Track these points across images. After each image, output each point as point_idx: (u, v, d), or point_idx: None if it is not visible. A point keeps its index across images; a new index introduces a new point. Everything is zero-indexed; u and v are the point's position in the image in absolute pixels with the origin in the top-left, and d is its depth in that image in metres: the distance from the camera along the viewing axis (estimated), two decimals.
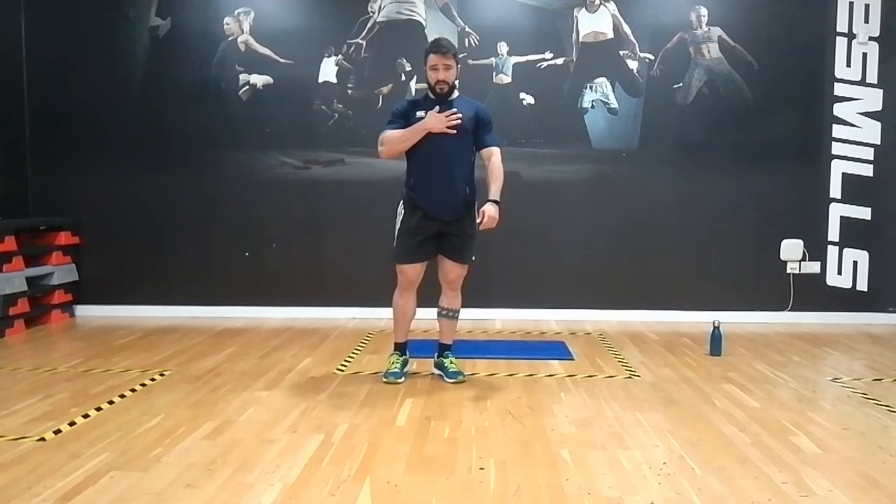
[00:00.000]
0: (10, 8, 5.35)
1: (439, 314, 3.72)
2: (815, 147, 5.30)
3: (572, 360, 4.11)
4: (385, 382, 3.58)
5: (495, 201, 3.41)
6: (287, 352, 4.30)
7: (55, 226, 5.31)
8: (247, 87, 5.40)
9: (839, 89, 5.25)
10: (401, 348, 3.73)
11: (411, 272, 3.55)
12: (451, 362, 3.69)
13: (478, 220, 3.41)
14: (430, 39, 5.23)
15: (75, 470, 2.46)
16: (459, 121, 3.36)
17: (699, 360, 4.12)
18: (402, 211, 3.52)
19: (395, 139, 3.41)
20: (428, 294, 3.76)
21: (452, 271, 3.58)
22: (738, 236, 5.33)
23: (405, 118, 3.43)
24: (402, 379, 3.61)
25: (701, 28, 5.29)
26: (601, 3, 5.32)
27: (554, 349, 4.37)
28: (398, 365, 3.65)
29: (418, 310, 3.68)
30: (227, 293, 5.43)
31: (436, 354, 3.76)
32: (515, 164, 5.38)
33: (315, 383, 3.60)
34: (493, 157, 3.47)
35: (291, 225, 5.40)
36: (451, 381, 3.60)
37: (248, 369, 3.88)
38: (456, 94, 3.51)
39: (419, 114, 3.41)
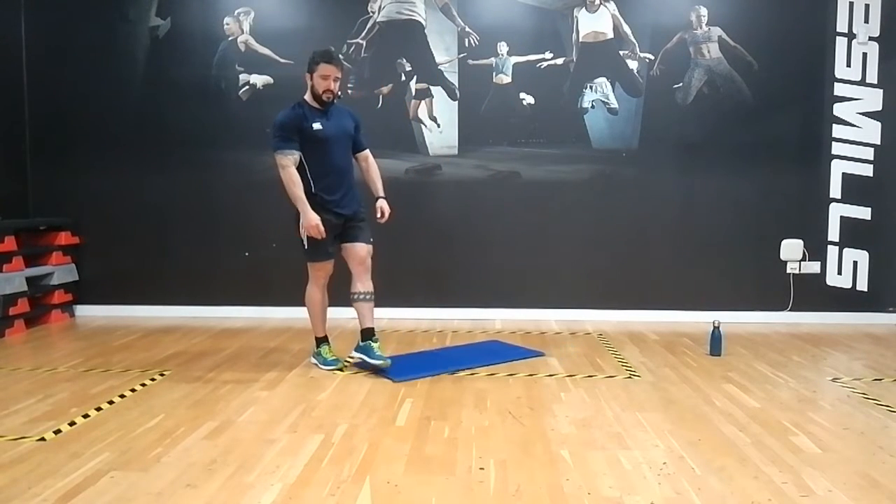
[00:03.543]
0: (9, 8, 5.35)
1: (358, 300, 3.84)
2: (815, 147, 5.30)
3: (542, 355, 4.14)
4: (331, 370, 3.81)
5: (384, 197, 3.88)
6: (287, 352, 4.30)
7: (55, 226, 5.31)
8: (247, 87, 5.40)
9: (839, 89, 5.25)
10: (325, 339, 3.99)
11: (329, 267, 3.90)
12: (378, 345, 3.81)
13: (378, 216, 3.83)
14: (429, 39, 5.33)
15: (75, 470, 2.46)
16: (321, 236, 3.70)
17: (699, 360, 4.12)
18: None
19: (293, 192, 3.68)
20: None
21: (363, 249, 3.83)
22: (738, 236, 5.33)
23: (299, 132, 3.62)
24: (341, 363, 3.89)
25: (701, 28, 5.29)
26: (601, 3, 5.32)
27: (513, 351, 4.27)
28: (333, 353, 3.96)
29: (414, 310, 3.80)
30: (227, 293, 5.43)
31: (359, 340, 3.88)
32: (515, 164, 5.39)
33: (315, 383, 3.60)
34: (370, 158, 3.92)
35: (291, 225, 5.37)
36: (378, 362, 3.73)
37: (248, 369, 3.88)
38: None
39: (315, 126, 3.63)
